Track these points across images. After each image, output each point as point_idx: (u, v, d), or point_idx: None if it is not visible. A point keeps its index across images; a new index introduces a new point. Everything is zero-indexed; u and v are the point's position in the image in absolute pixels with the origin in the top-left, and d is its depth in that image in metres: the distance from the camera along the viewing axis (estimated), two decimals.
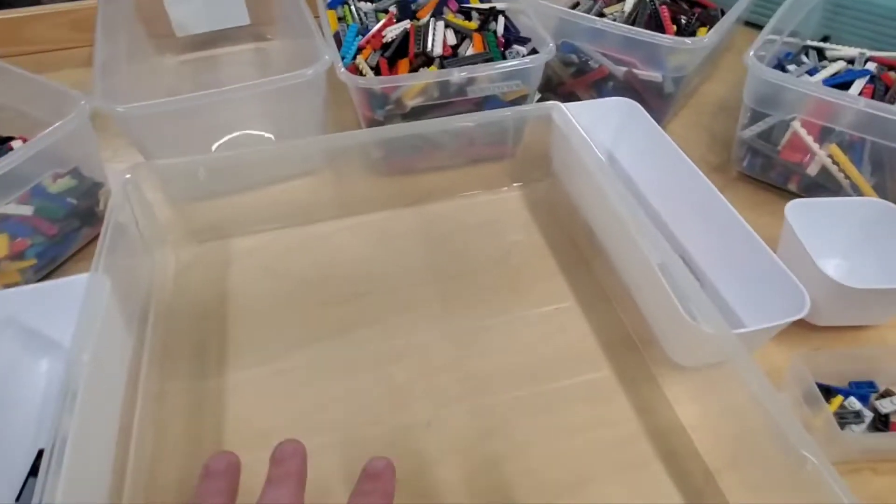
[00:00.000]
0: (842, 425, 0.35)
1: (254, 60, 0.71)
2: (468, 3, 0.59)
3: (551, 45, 0.49)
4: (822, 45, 0.56)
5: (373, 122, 0.50)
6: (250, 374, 0.39)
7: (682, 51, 0.51)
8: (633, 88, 0.56)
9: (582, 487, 0.34)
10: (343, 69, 0.47)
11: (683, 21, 0.59)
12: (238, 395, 0.38)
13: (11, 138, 0.51)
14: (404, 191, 0.52)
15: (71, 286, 0.38)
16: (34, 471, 0.34)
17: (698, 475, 0.34)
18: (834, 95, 0.44)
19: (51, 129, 0.42)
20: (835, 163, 0.47)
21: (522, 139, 0.52)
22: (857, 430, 0.36)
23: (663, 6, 0.59)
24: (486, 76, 0.48)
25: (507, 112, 0.48)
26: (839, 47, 0.55)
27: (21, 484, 0.33)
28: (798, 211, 0.42)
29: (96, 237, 0.48)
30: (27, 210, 0.44)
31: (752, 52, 0.47)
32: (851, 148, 0.47)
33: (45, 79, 0.46)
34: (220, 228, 0.49)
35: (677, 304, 0.35)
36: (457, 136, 0.51)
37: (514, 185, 0.53)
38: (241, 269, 0.46)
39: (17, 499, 0.33)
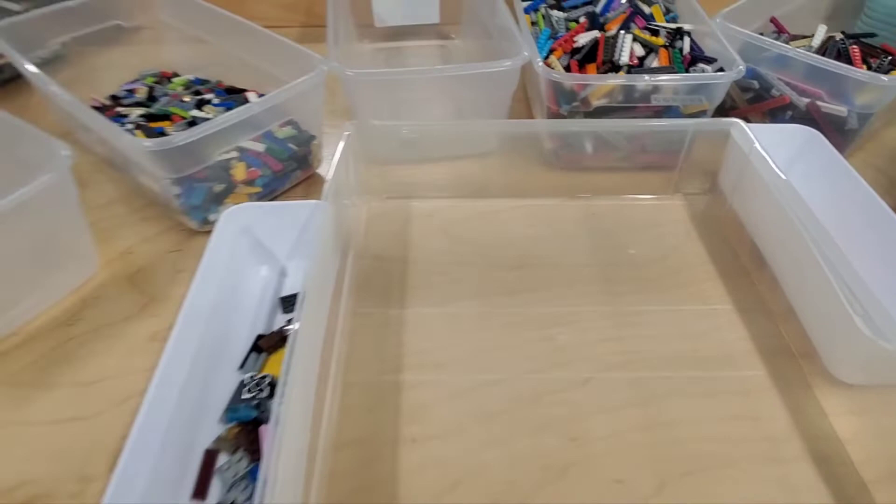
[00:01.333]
0: None
1: (437, 55, 0.78)
2: (655, 21, 0.62)
3: (742, 66, 0.51)
4: None
5: (556, 117, 0.55)
6: (427, 312, 0.44)
7: (873, 87, 0.52)
8: (812, 120, 0.56)
9: (725, 468, 0.36)
10: (540, 63, 0.51)
11: (874, 64, 0.59)
12: (416, 327, 0.43)
13: (245, 90, 0.61)
14: (571, 184, 0.56)
15: (296, 209, 0.46)
16: (254, 349, 0.40)
17: (850, 483, 0.35)
18: None
19: (292, 84, 0.50)
20: None
21: (691, 153, 0.54)
22: None
23: (854, 46, 0.59)
24: (672, 86, 0.52)
25: (689, 123, 0.51)
26: None
27: (243, 358, 0.40)
28: None
29: (306, 179, 0.57)
30: (260, 147, 0.52)
31: None
32: None
33: (290, 41, 0.54)
34: (405, 189, 0.55)
35: (854, 318, 0.36)
36: (631, 141, 0.55)
37: (677, 194, 0.55)
38: (419, 227, 0.52)
39: (241, 367, 0.40)
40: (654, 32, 0.60)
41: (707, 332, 0.43)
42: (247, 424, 0.36)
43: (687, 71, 0.56)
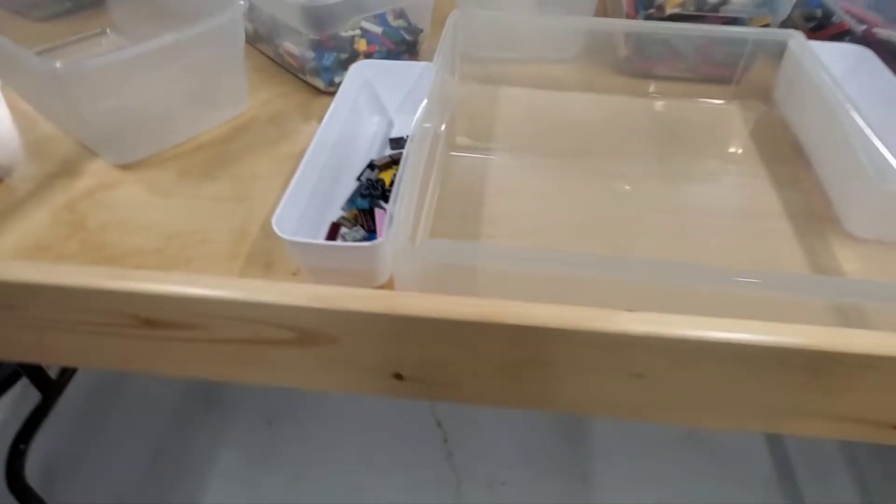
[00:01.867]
0: None
1: None
2: None
3: None
4: None
5: None
6: (509, 161, 0.54)
7: None
8: (867, 45, 0.62)
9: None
10: None
11: None
12: (499, 168, 0.53)
13: None
14: (640, 88, 0.64)
15: (409, 68, 0.56)
16: (369, 167, 0.51)
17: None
18: None
19: None
20: None
21: (750, 66, 0.61)
22: None
23: None
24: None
25: (752, 31, 0.58)
26: None
27: (361, 172, 0.51)
28: None
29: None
30: (378, 29, 0.62)
31: None
32: None
33: None
34: (493, 78, 0.64)
35: (868, 169, 0.43)
36: (697, 51, 0.62)
37: (734, 101, 0.62)
38: (506, 106, 0.62)
39: (358, 178, 0.50)
40: None
41: (745, 196, 0.51)
42: (362, 211, 0.47)
43: None
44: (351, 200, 0.48)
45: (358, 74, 0.55)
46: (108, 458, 1.14)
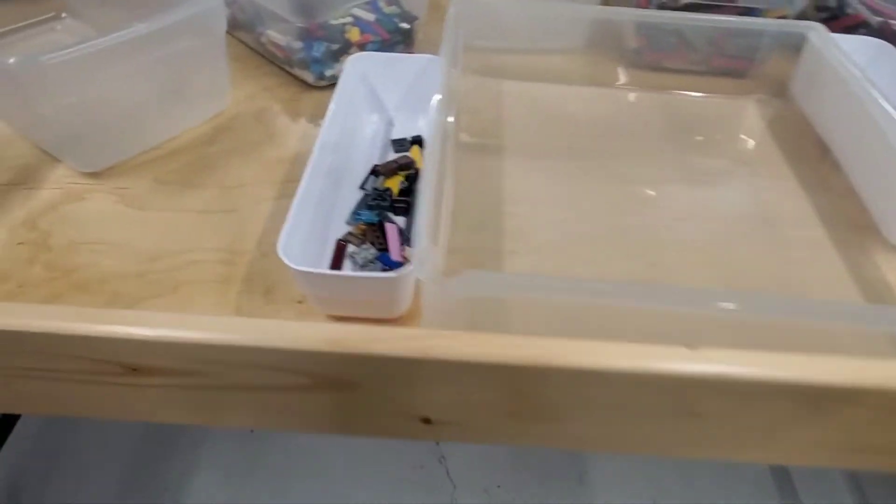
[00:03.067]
0: None
1: None
2: None
3: None
4: None
5: None
6: (523, 164, 0.50)
7: None
8: (884, 39, 0.60)
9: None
10: None
11: None
12: (514, 172, 0.49)
13: None
14: (651, 82, 0.60)
15: (409, 62, 0.51)
16: (372, 173, 0.46)
17: None
18: None
19: None
20: None
21: (766, 59, 0.58)
22: None
23: None
24: None
25: (771, 22, 0.55)
26: None
27: (364, 179, 0.46)
28: None
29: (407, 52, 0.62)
30: (371, 17, 0.57)
31: None
32: None
33: None
34: (496, 71, 0.60)
35: None
36: (710, 43, 0.59)
37: (749, 97, 0.59)
38: (510, 102, 0.57)
39: (361, 186, 0.45)
40: None
41: (772, 200, 0.48)
42: (370, 225, 0.42)
43: None
44: (356, 213, 0.43)
45: (354, 68, 0.49)
46: (78, 470, 1.06)
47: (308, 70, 0.55)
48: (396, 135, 0.51)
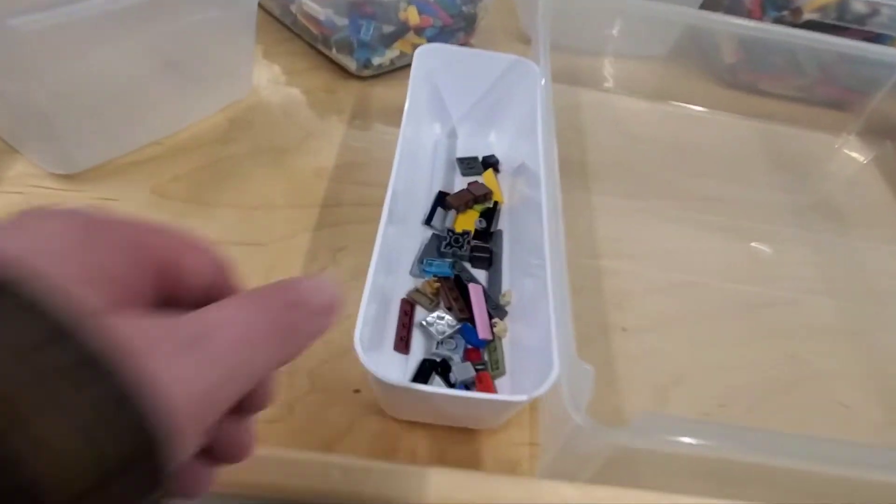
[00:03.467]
0: None
1: None
2: None
3: None
4: None
5: None
6: (614, 203, 0.40)
7: None
8: None
9: None
10: None
11: None
12: (605, 215, 0.39)
13: None
14: (745, 105, 0.51)
15: (489, 60, 0.40)
16: (439, 204, 0.36)
17: None
18: None
19: None
20: None
21: (877, 97, 0.50)
22: None
23: None
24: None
25: None
26: None
27: (428, 212, 0.36)
28: None
29: (468, 43, 0.51)
30: None
31: None
32: None
33: None
34: (573, 75, 0.50)
35: None
36: (821, 68, 0.50)
37: (857, 136, 0.51)
38: (592, 117, 0.47)
39: (426, 221, 0.35)
40: None
41: None
42: (444, 280, 0.32)
43: None
44: (426, 262, 0.33)
45: (423, 63, 0.39)
46: None
47: (351, 55, 0.43)
48: (462, 151, 0.41)
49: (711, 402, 0.31)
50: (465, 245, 0.33)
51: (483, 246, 0.34)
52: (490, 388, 0.28)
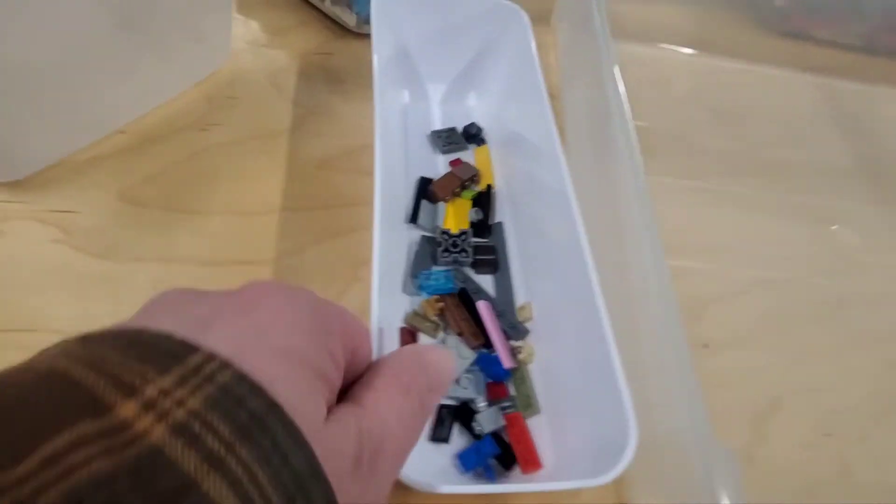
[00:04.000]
0: None
1: None
2: None
3: None
4: None
5: None
6: (671, 183, 0.35)
7: None
8: None
9: None
10: None
11: None
12: (663, 199, 0.33)
13: None
14: (798, 55, 0.45)
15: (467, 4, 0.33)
16: (423, 195, 0.30)
17: None
18: None
19: None
20: None
21: None
22: None
23: None
24: None
25: None
26: None
27: (412, 207, 0.29)
28: None
29: None
30: None
31: None
32: None
33: None
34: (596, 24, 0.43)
35: None
36: (887, 15, 0.44)
37: None
38: (630, 73, 0.41)
39: (411, 220, 0.29)
40: None
41: None
42: (447, 297, 0.26)
43: None
44: (422, 276, 0.27)
45: (384, 12, 0.31)
46: None
47: (349, 8, 0.36)
48: (439, 123, 0.34)
49: (815, 432, 0.26)
50: (466, 248, 0.27)
51: (486, 245, 0.28)
52: (524, 434, 0.23)
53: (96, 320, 0.24)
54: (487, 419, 0.23)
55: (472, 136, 0.33)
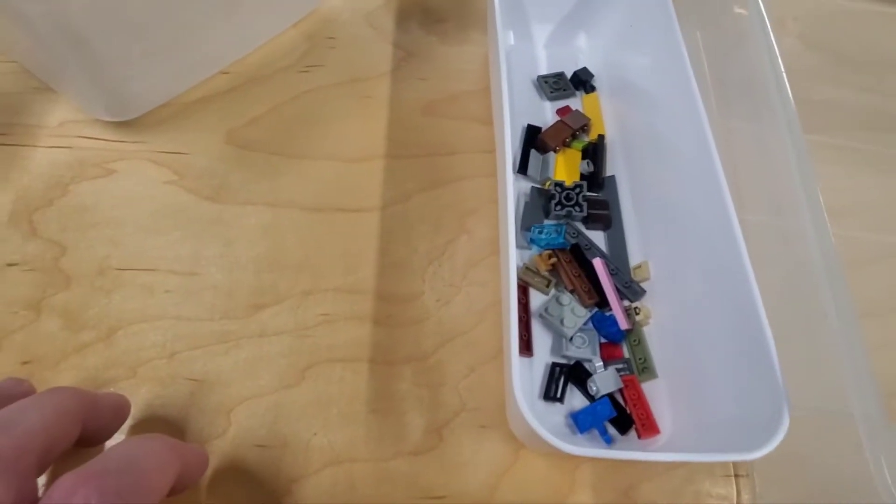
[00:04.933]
0: None
1: None
2: None
3: None
4: None
5: None
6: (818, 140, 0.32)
7: None
8: None
9: None
10: None
11: None
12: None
13: None
14: None
15: None
16: (531, 144, 0.28)
17: None
18: None
19: None
20: None
21: None
22: None
23: None
24: None
25: None
26: None
27: (519, 156, 0.28)
28: None
29: None
30: None
31: None
32: None
33: None
34: None
35: None
36: None
37: None
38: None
39: (519, 170, 0.27)
40: None
41: None
42: (559, 254, 0.25)
43: None
44: (533, 229, 0.25)
45: None
46: None
47: None
48: (544, 66, 0.32)
49: None
50: (580, 201, 0.26)
51: (599, 200, 0.27)
52: (642, 398, 0.22)
53: (210, 262, 0.24)
54: (604, 380, 0.23)
55: (582, 82, 0.31)
